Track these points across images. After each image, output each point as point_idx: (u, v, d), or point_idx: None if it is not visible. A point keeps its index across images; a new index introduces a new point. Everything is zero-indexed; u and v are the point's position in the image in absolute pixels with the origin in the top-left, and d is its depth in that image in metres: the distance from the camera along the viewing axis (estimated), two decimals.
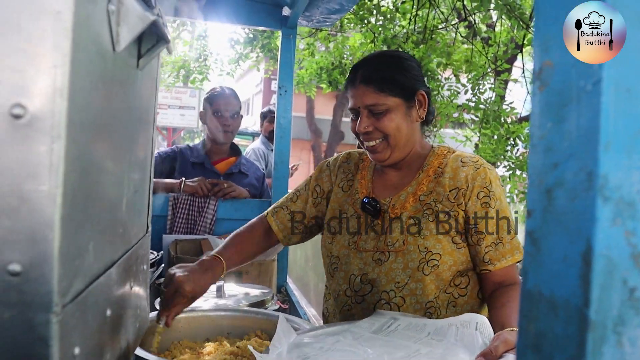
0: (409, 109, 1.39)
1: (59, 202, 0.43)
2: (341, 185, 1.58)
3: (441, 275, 1.35)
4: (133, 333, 0.77)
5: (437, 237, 1.35)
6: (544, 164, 0.40)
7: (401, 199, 1.43)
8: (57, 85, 0.42)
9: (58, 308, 0.43)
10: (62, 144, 0.43)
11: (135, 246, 0.76)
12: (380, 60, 1.45)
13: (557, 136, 0.39)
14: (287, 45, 2.58)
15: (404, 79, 1.38)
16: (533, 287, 0.40)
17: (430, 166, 1.45)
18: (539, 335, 0.39)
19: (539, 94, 0.41)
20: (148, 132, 0.83)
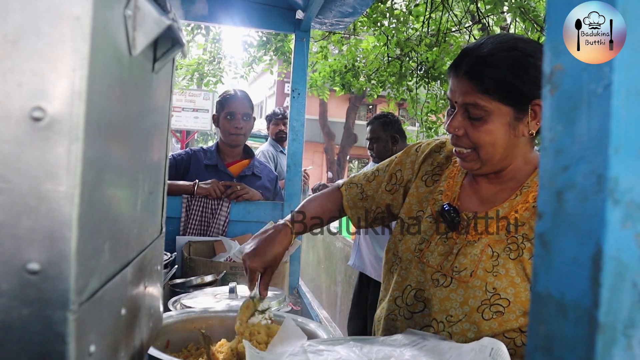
0: (517, 120, 1.12)
1: (77, 202, 0.44)
2: (424, 178, 1.35)
3: (504, 325, 1.12)
4: (147, 332, 0.78)
5: (512, 280, 1.12)
6: (554, 167, 0.40)
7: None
8: (75, 88, 0.43)
9: (75, 306, 0.44)
10: (80, 146, 0.44)
11: (149, 247, 0.77)
12: (495, 51, 1.13)
13: (567, 139, 0.39)
14: (300, 49, 2.60)
15: (520, 83, 1.10)
16: (543, 289, 0.40)
17: (532, 189, 1.18)
18: (549, 337, 0.40)
19: (550, 97, 0.41)
20: (163, 135, 0.84)
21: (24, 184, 0.43)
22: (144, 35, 0.58)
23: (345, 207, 1.48)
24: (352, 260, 3.71)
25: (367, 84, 5.58)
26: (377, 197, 1.43)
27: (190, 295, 1.75)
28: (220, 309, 1.56)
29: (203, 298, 1.70)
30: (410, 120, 13.91)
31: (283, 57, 6.29)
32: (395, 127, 3.50)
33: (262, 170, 2.78)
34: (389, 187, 1.42)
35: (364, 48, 5.32)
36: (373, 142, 3.50)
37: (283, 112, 4.74)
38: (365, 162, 25.75)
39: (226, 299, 1.68)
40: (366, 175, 1.49)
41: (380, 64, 5.21)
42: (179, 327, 1.42)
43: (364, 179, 1.48)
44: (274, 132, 4.67)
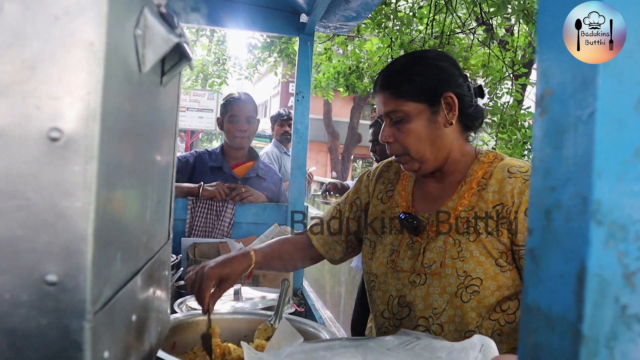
0: (434, 114, 1.26)
1: (92, 217, 0.46)
2: (380, 196, 1.46)
3: (483, 302, 1.21)
4: (155, 336, 0.80)
5: (478, 260, 1.21)
6: (543, 186, 0.42)
7: (441, 215, 1.29)
8: (90, 110, 0.46)
9: (90, 315, 0.47)
10: (95, 164, 0.46)
11: (157, 253, 0.80)
12: (398, 63, 1.33)
13: (555, 161, 0.41)
14: (304, 52, 2.62)
15: (424, 82, 1.25)
16: (532, 302, 0.43)
17: (474, 177, 1.29)
18: (537, 348, 0.42)
19: (540, 119, 0.43)
20: (170, 142, 0.87)
21: (42, 201, 0.45)
22: (153, 52, 0.61)
23: (317, 247, 1.55)
24: (354, 262, 3.73)
25: (371, 85, 5.60)
26: (344, 229, 1.53)
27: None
28: (226, 311, 1.59)
29: None
30: None
31: (287, 59, 6.32)
32: None
33: (267, 172, 2.81)
34: (352, 215, 1.52)
35: (368, 49, 5.35)
36: (376, 144, 3.51)
37: (288, 113, 4.76)
38: (370, 161, 25.73)
39: (231, 301, 1.71)
40: (330, 213, 1.58)
41: (384, 65, 5.23)
42: (185, 329, 1.45)
43: (329, 217, 1.56)
44: (279, 133, 4.69)
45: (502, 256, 1.21)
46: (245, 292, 1.79)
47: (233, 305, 1.66)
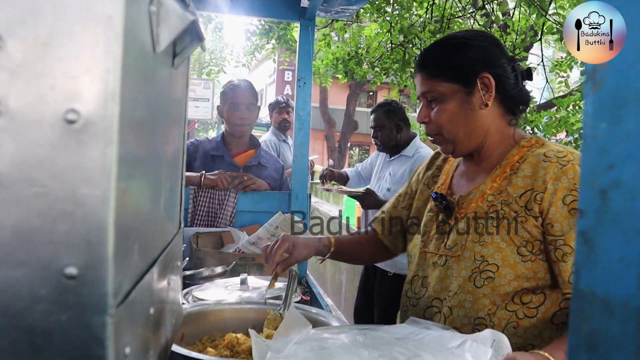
0: (469, 95, 1.23)
1: (112, 205, 0.43)
2: (426, 182, 1.48)
3: (498, 289, 1.16)
4: (170, 329, 0.78)
5: (498, 246, 1.17)
6: (598, 165, 0.39)
7: (470, 197, 1.27)
8: (109, 90, 0.43)
9: (113, 310, 0.44)
10: (114, 148, 0.43)
11: (170, 243, 0.77)
12: (437, 44, 1.32)
13: (613, 137, 0.38)
14: (305, 37, 2.57)
15: (460, 62, 1.23)
16: (586, 287, 0.40)
17: (509, 161, 1.25)
18: (593, 335, 0.39)
19: (592, 94, 0.40)
20: (181, 129, 0.84)
21: (59, 188, 0.42)
22: (168, 31, 0.58)
23: (382, 238, 1.59)
24: None
25: (370, 71, 5.54)
26: (402, 217, 1.54)
27: (201, 287, 1.75)
28: (234, 300, 1.56)
29: (214, 290, 1.70)
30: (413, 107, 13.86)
31: (286, 46, 6.26)
32: (399, 114, 3.47)
33: (269, 160, 2.77)
34: (406, 205, 1.54)
35: (367, 35, 5.28)
36: (377, 131, 3.48)
37: (286, 100, 4.71)
38: (366, 149, 25.65)
39: (238, 291, 1.68)
40: (391, 202, 1.61)
41: (383, 51, 5.18)
42: (193, 320, 1.42)
43: (391, 207, 1.59)
44: (277, 120, 4.64)
45: (527, 245, 1.15)
46: (251, 282, 1.77)
47: (240, 295, 1.64)
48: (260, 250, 2.22)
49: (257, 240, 2.23)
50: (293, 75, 19.20)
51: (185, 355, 1.03)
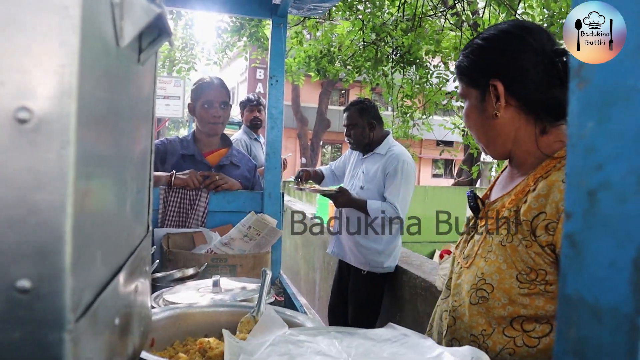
0: (482, 102, 1.16)
1: (70, 211, 0.40)
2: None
3: (492, 311, 1.10)
4: (138, 337, 0.74)
5: (499, 267, 1.09)
6: (584, 165, 0.38)
7: (494, 205, 1.20)
8: (65, 86, 0.39)
9: (71, 325, 0.41)
10: (72, 150, 0.40)
11: (138, 248, 0.73)
12: (472, 39, 1.24)
13: (601, 136, 0.37)
14: (277, 35, 2.54)
15: (472, 65, 1.17)
16: (573, 292, 0.39)
17: (537, 173, 1.11)
18: (581, 341, 0.38)
19: (578, 91, 0.39)
20: (148, 128, 0.80)
21: (10, 194, 0.38)
22: (133, 24, 0.54)
23: None
24: (330, 248, 3.70)
25: (342, 69, 5.53)
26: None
27: (172, 290, 1.71)
28: (206, 303, 1.52)
29: (186, 293, 1.66)
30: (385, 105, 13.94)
31: (257, 43, 6.19)
32: (372, 113, 3.47)
33: (241, 159, 2.73)
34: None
35: (339, 33, 5.27)
36: (350, 129, 3.47)
37: (258, 98, 4.66)
38: (339, 147, 25.67)
39: (210, 293, 1.64)
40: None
41: (355, 49, 5.17)
42: (163, 325, 1.38)
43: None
44: (249, 119, 4.59)
45: (530, 273, 1.05)
46: (224, 284, 1.73)
47: (212, 298, 1.60)
48: (232, 250, 2.18)
49: (230, 241, 2.19)
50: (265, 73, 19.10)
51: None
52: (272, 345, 1.04)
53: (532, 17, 4.45)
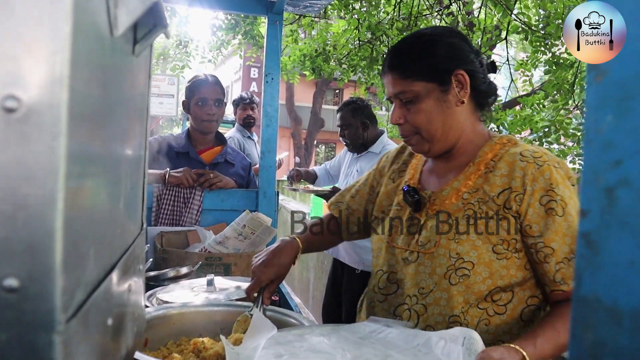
0: (444, 93, 1.21)
1: (60, 207, 0.38)
2: (392, 176, 1.46)
3: (472, 287, 1.16)
4: (132, 338, 0.72)
5: (473, 244, 1.16)
6: (602, 161, 0.36)
7: (443, 194, 1.26)
8: (56, 74, 0.37)
9: (61, 326, 0.38)
10: (63, 142, 0.37)
11: (132, 246, 0.71)
12: (407, 42, 1.28)
13: (619, 131, 0.35)
14: (273, 32, 2.52)
15: (433, 60, 1.21)
16: (589, 293, 0.37)
17: (483, 158, 1.24)
18: (597, 345, 0.36)
19: (596, 84, 0.37)
20: (142, 123, 0.78)
21: None
22: (127, 13, 0.52)
23: (343, 230, 1.58)
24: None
25: (337, 68, 5.50)
26: (362, 209, 1.53)
27: (166, 288, 1.68)
28: (200, 303, 1.50)
29: (180, 292, 1.63)
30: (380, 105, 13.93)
31: (252, 41, 6.15)
32: (365, 112, 3.45)
33: (235, 157, 2.70)
34: (371, 198, 1.52)
35: (334, 32, 5.24)
36: (344, 129, 3.45)
37: (251, 96, 4.63)
38: (333, 146, 25.66)
39: (204, 292, 1.62)
40: (350, 192, 1.58)
41: (351, 48, 5.14)
42: (157, 324, 1.35)
43: (349, 197, 1.57)
44: (242, 117, 4.56)
45: (503, 243, 1.15)
46: (218, 283, 1.71)
47: (207, 297, 1.58)
48: (227, 249, 2.16)
49: (224, 240, 2.16)
50: (259, 72, 19.03)
51: None
52: (265, 349, 1.03)
53: (528, 17, 4.46)
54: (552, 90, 4.40)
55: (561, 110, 4.48)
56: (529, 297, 1.19)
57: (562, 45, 4.52)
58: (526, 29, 4.37)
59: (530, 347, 1.00)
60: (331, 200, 1.61)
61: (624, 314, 0.34)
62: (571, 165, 4.77)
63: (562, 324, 1.07)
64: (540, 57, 4.62)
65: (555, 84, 4.35)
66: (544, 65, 4.55)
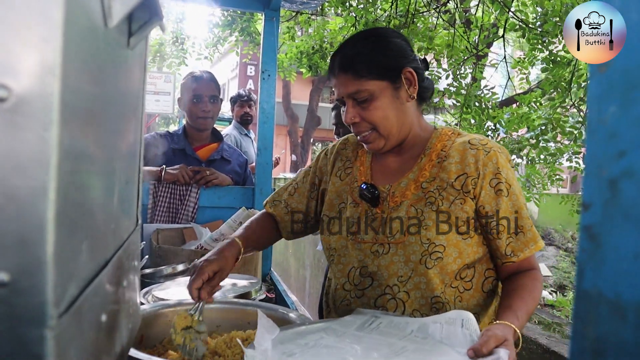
0: (397, 90, 1.28)
1: (52, 198, 0.37)
2: (338, 174, 1.48)
3: (446, 268, 1.26)
4: (127, 335, 0.71)
5: (440, 228, 1.26)
6: (605, 152, 0.36)
7: (402, 186, 1.33)
8: (47, 62, 0.36)
9: (53, 321, 0.37)
10: (55, 132, 0.37)
11: (126, 241, 0.70)
12: (355, 43, 1.32)
13: (623, 121, 0.34)
14: (270, 28, 2.51)
15: (384, 59, 1.27)
16: (592, 287, 0.36)
17: (433, 149, 1.34)
18: (600, 340, 0.36)
19: (599, 75, 0.36)
20: (137, 117, 0.77)
21: None
22: (122, 3, 0.51)
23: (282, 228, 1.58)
24: (320, 244, 3.67)
25: None
26: (302, 208, 1.54)
27: (161, 286, 1.67)
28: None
29: (176, 289, 1.62)
30: None
31: (249, 38, 6.13)
32: None
33: (232, 154, 2.69)
34: (312, 195, 1.54)
35: (331, 29, 5.22)
36: (339, 127, 3.44)
37: (248, 93, 4.61)
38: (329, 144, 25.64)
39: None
40: (287, 190, 1.59)
41: None
42: (153, 321, 1.35)
43: (287, 195, 1.58)
44: (239, 114, 4.54)
45: (464, 224, 1.25)
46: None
47: None
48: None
49: (220, 237, 2.15)
50: (256, 69, 18.99)
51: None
52: (273, 349, 1.03)
53: (525, 14, 4.45)
54: (549, 88, 4.39)
55: (558, 108, 4.47)
56: (486, 269, 1.31)
57: (560, 43, 4.52)
58: (523, 27, 4.37)
59: (515, 321, 1.11)
60: (267, 199, 1.62)
61: (627, 307, 0.34)
62: (568, 164, 4.77)
63: (527, 294, 1.20)
64: (537, 55, 4.62)
65: (552, 82, 4.34)
66: (541, 63, 4.54)
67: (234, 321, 1.45)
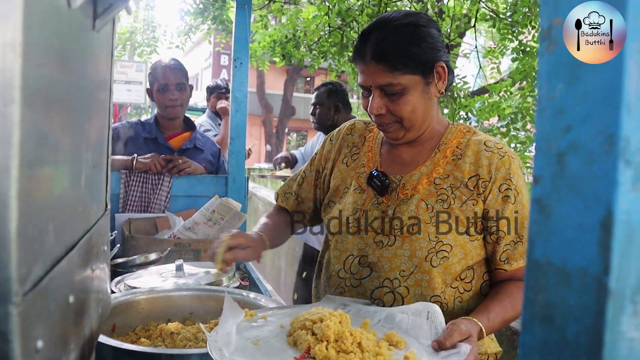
0: (428, 85, 1.24)
1: (15, 175, 0.37)
2: (345, 160, 1.44)
3: (450, 268, 1.23)
4: (96, 319, 0.71)
5: (450, 227, 1.23)
6: (553, 128, 0.37)
7: (413, 179, 1.29)
8: (7, 38, 0.36)
9: (18, 298, 0.38)
10: (17, 108, 0.37)
11: (95, 226, 0.70)
12: (393, 31, 1.22)
13: (569, 98, 0.36)
14: (242, 16, 2.49)
15: (421, 52, 1.20)
16: (541, 257, 0.38)
17: (448, 145, 1.31)
18: (549, 306, 0.38)
19: (548, 54, 0.38)
20: (105, 102, 0.76)
21: None
22: None
23: (295, 218, 1.56)
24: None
25: (308, 54, 5.48)
26: (311, 197, 1.52)
27: (134, 275, 1.66)
28: (169, 287, 1.49)
29: (148, 277, 1.62)
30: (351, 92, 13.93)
31: (221, 26, 6.05)
32: (339, 96, 3.48)
33: (205, 143, 2.68)
34: (318, 184, 1.52)
35: (304, 18, 5.21)
36: (316, 107, 3.48)
37: (226, 85, 4.56)
38: (304, 134, 25.60)
39: (173, 277, 1.61)
40: (296, 181, 1.57)
41: (321, 34, 5.12)
42: (124, 309, 1.34)
43: (296, 185, 1.56)
44: (214, 105, 4.48)
45: (473, 226, 1.23)
46: (188, 268, 1.70)
47: (176, 282, 1.57)
48: (196, 235, 2.14)
49: (193, 225, 2.15)
50: (229, 59, 18.80)
51: (115, 347, 0.96)
52: (239, 333, 1.04)
53: (496, 4, 4.51)
54: (519, 77, 4.47)
55: (528, 97, 4.56)
56: (484, 272, 1.30)
57: (529, 34, 4.60)
58: (494, 17, 4.43)
59: (484, 320, 1.12)
60: (278, 192, 1.61)
61: (572, 273, 0.36)
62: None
63: (509, 301, 1.19)
64: (507, 44, 4.70)
65: (522, 71, 4.43)
66: (511, 53, 4.62)
67: (206, 308, 1.45)
